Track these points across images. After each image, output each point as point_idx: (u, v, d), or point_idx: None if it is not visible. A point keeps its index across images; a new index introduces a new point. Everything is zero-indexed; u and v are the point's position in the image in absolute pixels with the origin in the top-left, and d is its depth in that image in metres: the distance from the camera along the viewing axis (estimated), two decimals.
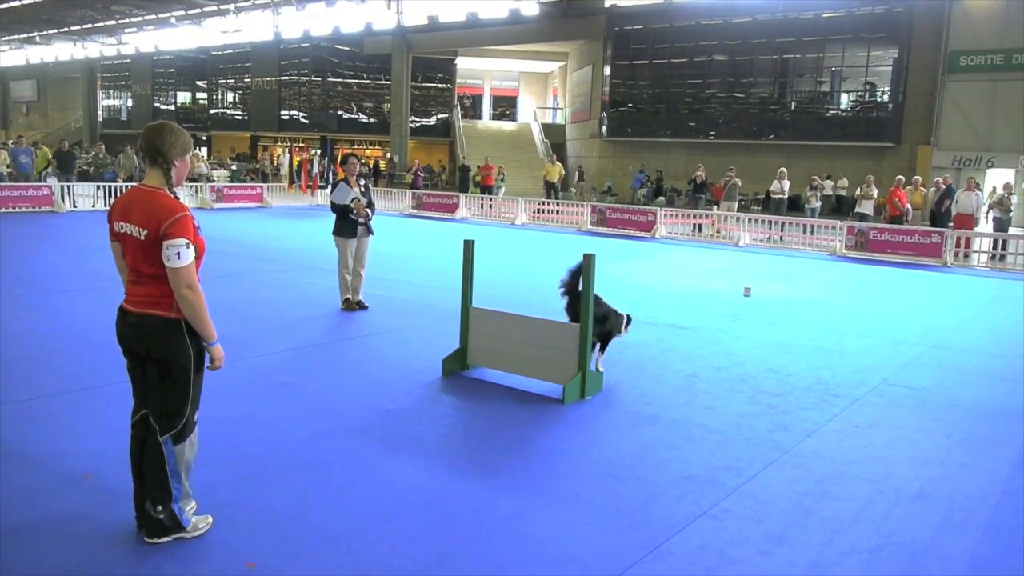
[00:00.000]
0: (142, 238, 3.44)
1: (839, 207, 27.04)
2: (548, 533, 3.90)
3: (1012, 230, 18.76)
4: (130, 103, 60.37)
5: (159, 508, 3.57)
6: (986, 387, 6.93)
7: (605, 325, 6.70)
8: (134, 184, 3.92)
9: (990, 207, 20.55)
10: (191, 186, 25.13)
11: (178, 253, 3.38)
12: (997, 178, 24.79)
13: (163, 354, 3.51)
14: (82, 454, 4.60)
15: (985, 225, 20.98)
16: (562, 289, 6.68)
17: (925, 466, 4.98)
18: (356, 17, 42.26)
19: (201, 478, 4.05)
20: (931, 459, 5.12)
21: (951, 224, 17.75)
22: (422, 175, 33.70)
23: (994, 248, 17.08)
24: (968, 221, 17.75)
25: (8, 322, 7.92)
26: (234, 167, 37.31)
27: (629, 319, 7.01)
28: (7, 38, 61.22)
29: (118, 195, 4.14)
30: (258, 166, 37.87)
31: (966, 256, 16.75)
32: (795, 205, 23.41)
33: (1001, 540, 4.01)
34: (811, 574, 3.60)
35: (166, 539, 3.59)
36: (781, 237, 19.30)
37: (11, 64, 67.15)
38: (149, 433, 3.54)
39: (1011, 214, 18.69)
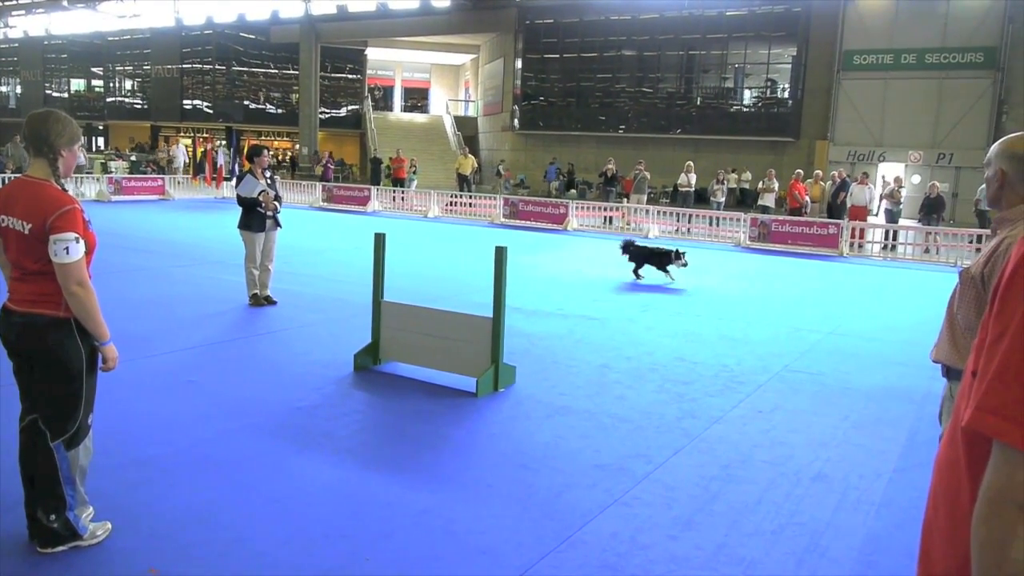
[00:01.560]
0: (26, 232, 3.25)
1: (743, 200, 27.92)
2: (461, 526, 3.89)
3: (902, 221, 19.76)
4: (19, 90, 57.17)
5: (52, 517, 3.39)
6: (879, 371, 7.28)
7: (661, 259, 11.63)
8: (19, 175, 3.71)
9: (882, 198, 21.57)
10: (85, 178, 24.02)
11: (67, 248, 3.20)
12: (889, 172, 26.05)
13: (52, 355, 3.32)
14: None
15: (876, 217, 22.00)
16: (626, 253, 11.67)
17: (823, 448, 5.20)
18: (262, 4, 41.15)
19: (100, 482, 3.88)
20: (829, 441, 5.35)
21: (846, 216, 18.56)
22: (332, 167, 33.10)
23: (886, 238, 17.98)
24: (862, 213, 18.59)
25: None
26: (133, 158, 35.79)
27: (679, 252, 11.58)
28: None
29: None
30: (153, 158, 35.67)
31: (860, 246, 17.57)
32: (701, 198, 24.05)
33: (893, 516, 4.22)
34: (717, 557, 3.71)
35: (61, 548, 3.42)
36: (688, 229, 19.81)
37: None
38: (39, 438, 3.36)
39: (901, 206, 19.66)
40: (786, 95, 31.39)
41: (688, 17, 32.13)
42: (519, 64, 37.01)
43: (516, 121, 37.57)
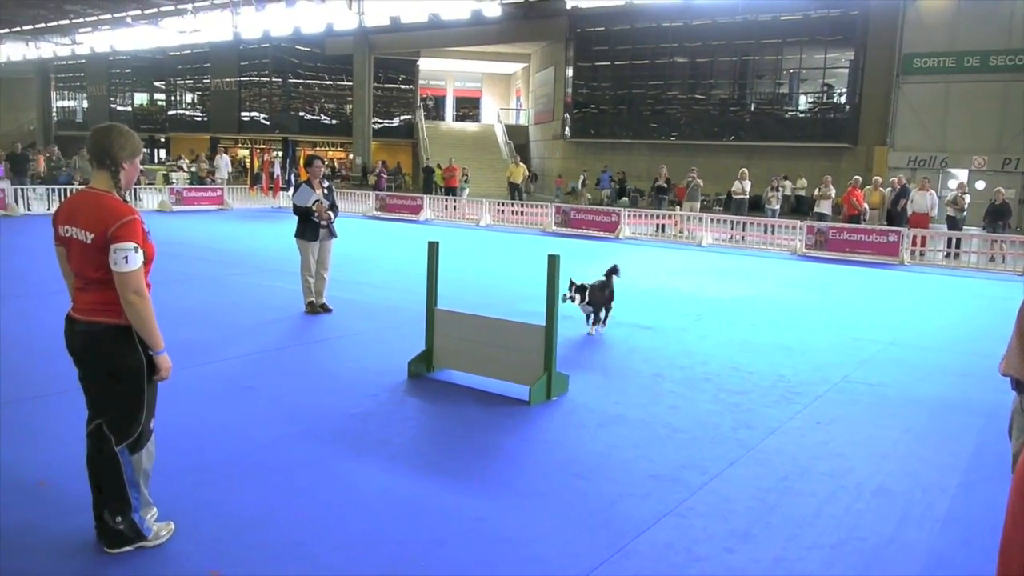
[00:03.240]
0: (88, 242, 3.35)
1: (798, 207, 27.41)
2: (514, 534, 3.89)
3: (966, 229, 19.18)
4: (85, 104, 59.26)
5: (119, 519, 3.49)
6: (942, 382, 7.07)
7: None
8: (81, 187, 3.84)
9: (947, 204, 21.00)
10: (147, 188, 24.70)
11: (126, 257, 3.29)
12: (952, 179, 25.34)
13: (114, 363, 3.42)
14: (38, 463, 4.48)
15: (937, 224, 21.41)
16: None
17: (885, 461, 5.07)
18: (317, 17, 41.91)
19: (162, 485, 3.97)
20: (890, 454, 5.21)
21: (907, 223, 18.10)
22: (385, 176, 33.49)
23: (949, 246, 17.46)
24: (923, 220, 18.11)
25: None
26: (193, 169, 36.62)
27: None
28: None
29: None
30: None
31: (922, 254, 17.10)
32: (756, 205, 23.68)
33: (958, 533, 4.09)
34: (775, 570, 3.64)
35: (127, 548, 3.52)
36: (743, 237, 19.52)
37: None
38: (104, 443, 3.46)
39: (964, 213, 19.09)
40: (843, 100, 30.75)
41: (741, 23, 31.75)
42: (570, 72, 37.02)
43: (567, 129, 37.56)
